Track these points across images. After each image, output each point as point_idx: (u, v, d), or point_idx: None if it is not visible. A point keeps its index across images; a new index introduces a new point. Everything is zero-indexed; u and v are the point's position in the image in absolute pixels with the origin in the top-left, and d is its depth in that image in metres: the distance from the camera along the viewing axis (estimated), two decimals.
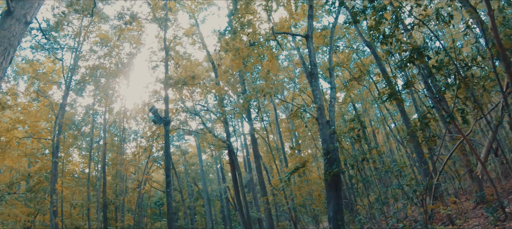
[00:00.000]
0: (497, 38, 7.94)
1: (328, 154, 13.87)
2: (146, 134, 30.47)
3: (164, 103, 23.30)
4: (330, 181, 13.94)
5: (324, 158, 14.11)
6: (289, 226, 22.71)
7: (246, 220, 22.74)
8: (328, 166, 13.89)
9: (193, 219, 39.59)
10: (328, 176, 13.61)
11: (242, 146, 39.13)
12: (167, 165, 21.28)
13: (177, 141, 44.02)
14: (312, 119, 16.59)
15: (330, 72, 16.77)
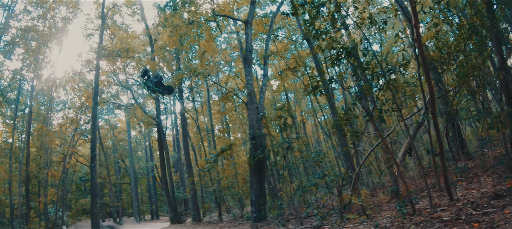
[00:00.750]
0: (420, 48, 8.55)
1: (254, 139, 14.17)
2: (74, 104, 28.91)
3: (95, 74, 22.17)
4: (254, 166, 14.27)
5: (250, 142, 14.41)
6: (214, 208, 22.87)
7: (171, 200, 22.55)
8: (254, 151, 14.20)
9: (119, 196, 38.38)
10: (253, 160, 13.92)
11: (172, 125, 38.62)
12: (93, 138, 20.33)
13: (107, 115, 42.27)
14: (243, 104, 16.77)
15: (265, 60, 17.03)
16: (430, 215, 8.17)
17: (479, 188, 9.30)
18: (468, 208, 7.76)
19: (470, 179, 10.40)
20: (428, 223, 7.81)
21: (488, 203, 7.72)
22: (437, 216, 7.97)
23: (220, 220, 18.83)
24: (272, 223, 12.95)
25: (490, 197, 8.04)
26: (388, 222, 8.78)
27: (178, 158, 27.92)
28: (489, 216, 6.98)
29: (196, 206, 22.01)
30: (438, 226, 7.49)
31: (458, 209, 7.95)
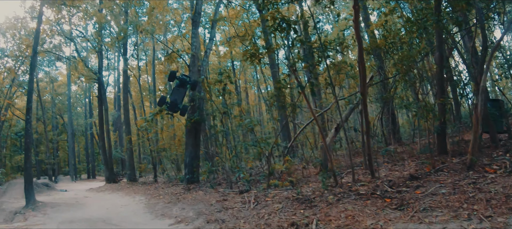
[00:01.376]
0: (356, 31, 8.83)
1: (192, 101, 14.08)
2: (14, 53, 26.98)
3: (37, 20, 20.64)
4: (190, 128, 14.25)
5: (188, 104, 14.30)
6: (150, 169, 22.63)
7: (108, 159, 22.04)
8: (191, 113, 14.14)
9: (55, 154, 36.80)
10: (189, 122, 13.87)
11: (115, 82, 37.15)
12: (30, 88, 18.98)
13: (48, 67, 39.84)
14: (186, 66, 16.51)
15: (213, 24, 16.80)
16: (349, 188, 8.66)
17: (402, 170, 9.99)
18: (385, 185, 8.34)
19: (395, 162, 11.05)
20: (345, 194, 8.30)
21: (403, 183, 8.37)
22: (355, 189, 8.48)
23: (155, 181, 18.74)
24: (204, 186, 13.09)
25: (407, 178, 8.71)
26: (310, 191, 9.19)
27: (118, 116, 27.08)
28: (401, 194, 7.60)
29: (132, 166, 21.68)
30: (353, 198, 7.99)
31: (376, 185, 8.53)
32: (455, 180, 7.66)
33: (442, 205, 6.35)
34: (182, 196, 11.94)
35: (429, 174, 8.70)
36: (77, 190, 20.32)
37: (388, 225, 6.16)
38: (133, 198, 14.50)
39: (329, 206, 7.75)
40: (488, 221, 5.33)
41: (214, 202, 10.12)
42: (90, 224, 9.39)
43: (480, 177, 7.48)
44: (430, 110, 9.98)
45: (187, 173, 14.29)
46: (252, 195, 9.61)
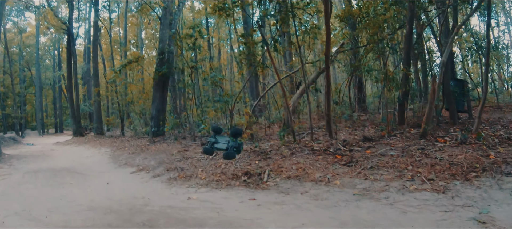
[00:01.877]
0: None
1: (162, 54, 14.03)
2: None
3: None
4: (158, 81, 14.27)
5: (157, 57, 14.25)
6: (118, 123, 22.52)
7: (75, 112, 21.77)
8: (160, 65, 14.12)
9: (23, 108, 35.83)
10: (157, 75, 13.87)
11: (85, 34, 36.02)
12: None
13: (16, 17, 38.17)
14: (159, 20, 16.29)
15: None
16: (305, 145, 9.05)
17: (360, 135, 10.39)
18: (339, 144, 8.75)
19: (356, 128, 11.47)
20: (300, 149, 8.68)
21: (357, 143, 8.79)
22: (310, 146, 8.86)
23: (122, 135, 18.75)
24: (169, 139, 13.28)
25: (361, 139, 9.14)
26: (268, 146, 9.54)
27: (87, 69, 26.46)
28: (352, 152, 8.01)
29: (99, 119, 21.51)
30: (307, 153, 8.38)
31: (330, 144, 8.93)
32: (405, 145, 8.10)
33: (389, 165, 6.78)
34: (146, 148, 12.13)
35: (382, 138, 9.16)
36: (44, 144, 20.14)
37: (335, 178, 6.59)
38: (98, 150, 14.59)
39: (282, 158, 8.13)
40: (429, 184, 5.73)
41: (176, 152, 10.37)
42: (55, 173, 9.53)
43: (430, 145, 7.89)
44: (392, 79, 10.34)
45: (153, 126, 14.40)
46: None
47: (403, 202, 5.25)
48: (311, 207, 5.55)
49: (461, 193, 5.27)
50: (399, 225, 4.51)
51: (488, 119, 11.15)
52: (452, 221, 4.45)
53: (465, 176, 5.80)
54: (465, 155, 6.65)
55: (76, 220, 5.32)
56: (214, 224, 5.04)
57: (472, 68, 28.83)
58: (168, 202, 6.39)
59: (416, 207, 5.04)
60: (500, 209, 4.64)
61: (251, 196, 6.44)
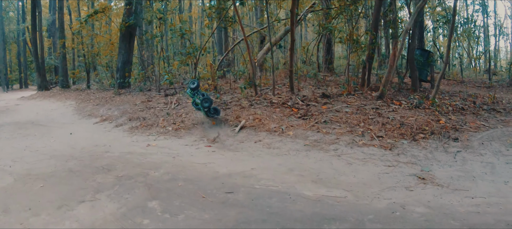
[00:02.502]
0: None
1: (130, 4, 13.76)
2: None
3: None
4: (125, 32, 14.10)
5: (124, 8, 14.00)
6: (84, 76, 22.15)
7: (40, 65, 21.22)
8: (127, 16, 13.89)
9: None
10: (123, 26, 13.68)
11: None
12: None
13: None
14: None
15: None
16: (265, 98, 9.42)
17: (321, 92, 10.75)
18: (297, 99, 9.15)
19: (320, 87, 11.83)
20: (260, 102, 9.05)
21: (315, 99, 9.19)
22: (269, 99, 9.24)
23: (88, 88, 18.59)
24: (135, 91, 13.38)
25: (319, 96, 9.55)
26: (230, 98, 9.87)
27: (53, 21, 25.48)
28: (309, 107, 8.44)
29: (65, 72, 21.08)
30: (265, 104, 8.77)
31: (289, 98, 9.32)
32: (361, 104, 8.55)
33: (342, 121, 7.22)
34: (111, 99, 12.24)
35: (341, 96, 9.58)
36: (9, 99, 19.69)
37: (289, 130, 7.03)
38: (63, 103, 14.52)
39: (241, 109, 8.51)
40: (378, 140, 6.17)
41: (139, 103, 10.58)
42: (19, 126, 9.59)
43: (385, 106, 8.30)
44: (357, 41, 10.61)
45: (118, 78, 14.36)
46: (175, 98, 10.15)
47: (350, 155, 5.70)
48: (262, 155, 6.01)
49: (407, 151, 5.68)
50: (342, 175, 4.93)
51: (449, 91, 11.60)
52: (393, 175, 4.85)
53: (413, 136, 6.17)
54: (416, 117, 7.07)
55: (39, 168, 5.56)
56: (168, 167, 5.42)
57: (442, 42, 29.59)
58: (128, 149, 6.71)
59: (362, 160, 5.47)
60: (441, 169, 5.03)
61: (207, 144, 6.84)
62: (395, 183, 4.56)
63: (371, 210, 3.70)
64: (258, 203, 3.96)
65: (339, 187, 4.44)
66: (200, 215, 3.68)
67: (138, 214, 3.76)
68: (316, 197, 4.11)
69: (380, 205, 3.83)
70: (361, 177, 4.83)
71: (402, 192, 4.24)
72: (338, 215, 3.59)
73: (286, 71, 15.85)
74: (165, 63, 13.97)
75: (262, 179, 4.77)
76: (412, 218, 3.51)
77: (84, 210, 3.96)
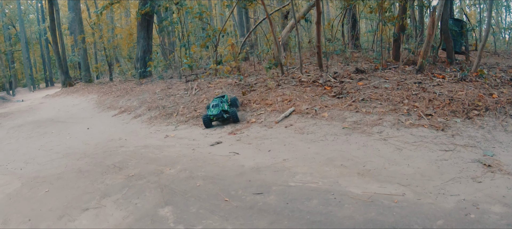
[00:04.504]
0: None
1: None
2: None
3: None
4: (141, 20, 13.53)
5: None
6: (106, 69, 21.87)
7: (62, 63, 21.10)
8: (142, 4, 13.26)
9: (11, 66, 34.87)
10: (140, 14, 13.08)
11: None
12: None
13: None
14: None
15: None
16: (293, 77, 8.56)
17: (353, 67, 9.82)
18: (329, 76, 8.23)
19: (349, 63, 10.89)
20: (287, 81, 8.21)
21: (348, 76, 8.24)
22: (298, 78, 8.37)
23: (111, 81, 18.26)
24: (156, 79, 12.84)
25: (353, 71, 8.59)
26: (254, 80, 9.08)
27: (73, 18, 25.32)
28: (343, 84, 7.49)
29: (87, 67, 20.88)
30: (294, 84, 7.91)
31: (320, 76, 8.41)
32: (401, 78, 7.54)
33: (383, 98, 6.23)
34: (131, 90, 11.73)
35: (376, 71, 8.58)
36: (34, 98, 19.76)
37: (323, 110, 6.14)
38: (86, 97, 14.23)
39: (268, 90, 7.70)
40: (427, 119, 5.24)
41: (159, 91, 9.98)
42: (38, 125, 9.25)
43: (427, 79, 7.32)
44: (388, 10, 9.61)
45: (139, 68, 13.88)
46: (196, 83, 9.45)
47: (398, 138, 4.77)
48: (295, 142, 5.16)
49: (462, 131, 4.75)
50: (393, 164, 4.02)
51: (485, 63, 10.48)
52: (453, 161, 3.94)
53: (467, 113, 5.27)
54: (466, 92, 6.06)
55: (49, 169, 5.09)
56: (186, 162, 4.70)
57: (470, 13, 27.70)
58: (144, 142, 6.06)
59: (412, 144, 4.54)
60: (506, 153, 4.10)
61: (231, 130, 6.09)
62: (458, 172, 3.67)
63: (438, 212, 2.91)
64: (294, 208, 3.16)
65: (393, 181, 3.58)
66: (222, 226, 2.93)
67: (147, 225, 3.06)
68: (366, 196, 3.27)
69: (448, 205, 3.01)
70: (416, 165, 3.92)
71: (469, 185, 3.40)
72: (399, 222, 2.75)
73: (310, 50, 14.96)
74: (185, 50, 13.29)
75: (297, 173, 3.95)
76: (491, 221, 2.69)
77: (86, 220, 3.37)
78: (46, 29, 33.92)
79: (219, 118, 6.36)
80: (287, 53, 13.54)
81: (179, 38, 14.27)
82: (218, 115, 6.30)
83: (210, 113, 6.37)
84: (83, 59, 20.87)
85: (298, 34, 9.96)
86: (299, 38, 10.12)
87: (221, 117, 6.32)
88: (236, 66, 10.10)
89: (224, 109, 6.42)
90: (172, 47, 16.28)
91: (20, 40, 35.31)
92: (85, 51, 20.58)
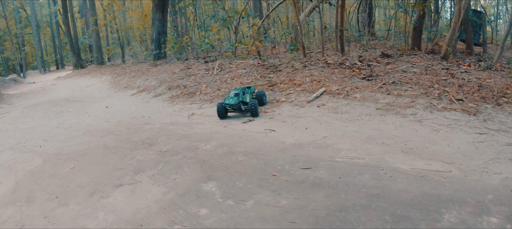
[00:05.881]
0: None
1: None
2: None
3: None
4: (157, 1, 13.21)
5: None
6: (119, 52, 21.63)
7: (74, 45, 20.87)
8: None
9: (21, 49, 34.77)
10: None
11: None
12: None
13: None
14: None
15: None
16: (318, 59, 8.23)
17: (369, 55, 9.49)
18: (355, 59, 7.90)
19: (366, 49, 10.54)
20: (313, 62, 7.89)
21: (374, 59, 7.93)
22: (324, 60, 8.04)
23: (123, 62, 18.00)
24: (171, 61, 12.56)
25: (379, 56, 8.27)
26: (277, 61, 8.76)
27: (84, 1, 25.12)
28: (371, 67, 7.19)
29: (99, 49, 20.62)
30: (321, 65, 7.59)
31: (345, 59, 8.08)
32: (427, 64, 7.33)
33: (413, 82, 6.08)
34: (147, 71, 11.47)
35: (401, 56, 8.33)
36: (45, 80, 19.58)
37: (354, 92, 5.90)
38: (99, 78, 13.99)
39: (295, 71, 7.39)
40: (458, 104, 5.11)
41: (178, 71, 9.70)
42: (53, 104, 9.02)
43: (454, 66, 7.15)
44: None
45: (154, 49, 13.60)
46: (217, 64, 9.14)
47: (432, 120, 4.67)
48: (330, 120, 4.92)
49: (494, 117, 4.69)
50: (433, 143, 3.91)
51: (503, 56, 10.21)
52: (489, 144, 3.86)
53: (496, 100, 5.21)
54: (494, 80, 6.01)
55: (71, 146, 4.85)
56: (221, 138, 4.43)
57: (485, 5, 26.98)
58: (170, 119, 5.80)
59: (447, 126, 4.45)
60: None
61: (261, 110, 5.80)
62: (496, 154, 3.61)
63: (486, 187, 2.87)
64: (348, 181, 2.94)
65: (437, 159, 3.47)
66: (276, 201, 2.67)
67: (192, 201, 2.80)
68: (416, 172, 3.12)
69: (494, 182, 3.00)
70: (456, 146, 3.83)
71: (509, 165, 3.36)
72: (453, 195, 2.70)
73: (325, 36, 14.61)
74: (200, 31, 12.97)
75: (342, 150, 3.73)
76: None
77: (121, 196, 3.12)
78: (57, 12, 33.76)
79: (236, 108, 5.65)
80: (304, 37, 13.19)
81: (195, 19, 13.93)
82: (235, 105, 5.61)
83: (227, 101, 5.65)
84: (95, 42, 20.62)
85: (321, 17, 9.63)
86: (321, 19, 9.77)
87: (238, 108, 5.64)
88: (256, 48, 9.75)
89: (244, 100, 5.79)
90: (186, 30, 15.94)
91: (31, 23, 35.13)
92: (97, 34, 20.31)
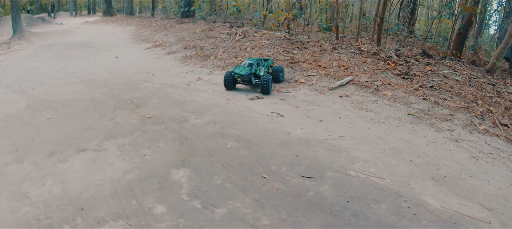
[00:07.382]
0: None
1: None
2: None
3: None
4: None
5: None
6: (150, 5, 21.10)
7: None
8: None
9: None
10: None
11: None
12: None
13: None
14: None
15: None
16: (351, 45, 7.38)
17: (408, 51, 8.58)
18: (391, 52, 7.02)
19: (404, 44, 9.61)
20: (344, 46, 7.08)
21: (413, 56, 7.02)
22: (357, 46, 7.19)
23: (152, 16, 17.47)
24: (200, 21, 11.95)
25: (419, 54, 7.34)
26: (307, 37, 7.97)
27: None
28: (408, 63, 6.30)
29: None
30: (353, 51, 6.77)
31: (381, 49, 7.20)
32: (472, 74, 6.39)
33: (454, 92, 5.21)
34: (171, 27, 10.90)
35: (443, 58, 7.37)
36: (73, 23, 19.41)
37: (385, 88, 5.07)
38: (123, 28, 13.57)
39: (322, 52, 6.60)
40: (502, 129, 4.24)
41: (199, 31, 9.07)
42: (67, 47, 8.69)
43: (501, 84, 6.21)
44: None
45: (182, 6, 12.98)
46: (240, 30, 8.42)
47: (472, 144, 3.81)
48: (352, 116, 4.14)
49: None
50: (471, 175, 3.09)
51: None
52: None
53: None
54: None
55: (60, 93, 4.51)
56: (218, 113, 3.75)
57: None
58: (172, 80, 5.20)
59: (488, 155, 3.60)
60: None
61: (275, 88, 5.11)
62: None
63: None
64: (358, 210, 2.22)
65: (474, 199, 2.67)
66: (255, 217, 2.03)
67: (152, 191, 2.20)
68: (447, 215, 2.34)
69: None
70: (497, 185, 2.99)
71: None
72: None
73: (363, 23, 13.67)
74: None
75: (358, 160, 2.99)
76: None
77: (79, 164, 2.59)
78: None
79: (245, 80, 4.94)
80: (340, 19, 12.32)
81: None
82: (245, 76, 4.89)
83: (237, 71, 4.94)
84: None
85: (361, 1, 8.72)
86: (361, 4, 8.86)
87: (248, 80, 4.92)
88: (287, 20, 8.92)
89: (257, 72, 5.04)
90: None
91: None
92: None
